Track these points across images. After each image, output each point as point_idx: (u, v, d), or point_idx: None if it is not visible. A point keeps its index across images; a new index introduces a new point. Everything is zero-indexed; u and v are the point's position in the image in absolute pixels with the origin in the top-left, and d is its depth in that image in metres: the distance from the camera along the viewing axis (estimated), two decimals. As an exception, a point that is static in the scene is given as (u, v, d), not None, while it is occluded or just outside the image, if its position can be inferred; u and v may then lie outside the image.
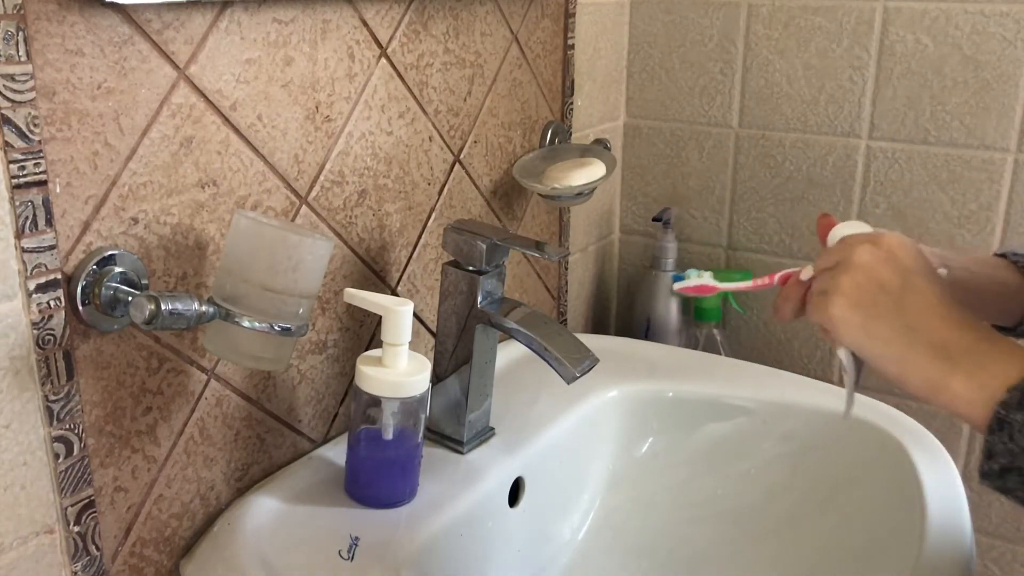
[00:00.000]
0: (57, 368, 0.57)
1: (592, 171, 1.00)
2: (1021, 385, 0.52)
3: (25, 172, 0.54)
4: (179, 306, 0.57)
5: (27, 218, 0.54)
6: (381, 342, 0.72)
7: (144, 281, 0.62)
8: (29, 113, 0.53)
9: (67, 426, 0.59)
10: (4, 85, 0.52)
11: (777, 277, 0.66)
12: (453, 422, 0.82)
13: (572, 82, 1.09)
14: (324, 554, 0.66)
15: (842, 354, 0.61)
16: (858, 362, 0.61)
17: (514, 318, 0.78)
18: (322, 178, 0.75)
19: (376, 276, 0.84)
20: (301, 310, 0.64)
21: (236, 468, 0.73)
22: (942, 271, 0.61)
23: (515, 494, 0.82)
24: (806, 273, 0.62)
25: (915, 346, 0.56)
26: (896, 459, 0.83)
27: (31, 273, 0.55)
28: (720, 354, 1.18)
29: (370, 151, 0.80)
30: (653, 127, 1.25)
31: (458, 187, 0.93)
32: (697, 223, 1.25)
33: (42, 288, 0.56)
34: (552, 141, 1.06)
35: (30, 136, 0.54)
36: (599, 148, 1.10)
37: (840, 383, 1.06)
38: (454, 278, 0.80)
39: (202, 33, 0.63)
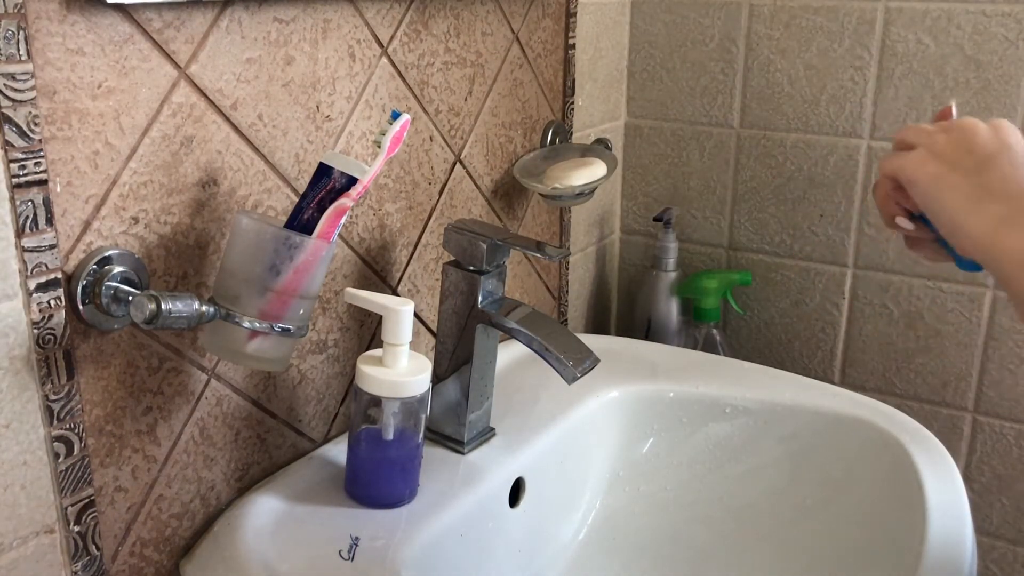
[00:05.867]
0: (57, 367, 0.57)
1: (593, 171, 1.00)
2: None
3: (25, 171, 0.54)
4: (179, 306, 0.57)
5: (27, 217, 0.54)
6: (382, 342, 0.72)
7: (145, 281, 0.62)
8: (30, 112, 0.53)
9: (67, 426, 0.59)
10: (5, 84, 0.52)
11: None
12: (453, 422, 0.82)
13: (573, 82, 1.09)
14: (324, 554, 0.66)
15: (901, 222, 0.62)
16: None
17: (515, 318, 0.78)
18: (323, 178, 0.75)
19: (377, 276, 0.84)
20: (302, 310, 0.64)
21: (236, 468, 0.73)
22: None
23: (515, 494, 0.82)
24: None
25: (981, 202, 0.55)
26: (897, 459, 0.83)
27: (31, 272, 0.55)
28: (720, 354, 1.18)
29: (371, 151, 0.80)
30: (654, 127, 1.25)
31: (459, 187, 0.93)
32: (698, 223, 1.25)
33: (42, 287, 0.56)
34: (553, 141, 1.06)
35: (30, 135, 0.53)
36: (600, 148, 1.10)
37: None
38: (455, 278, 0.80)
39: (203, 32, 0.63)
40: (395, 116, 0.66)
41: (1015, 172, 0.55)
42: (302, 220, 0.64)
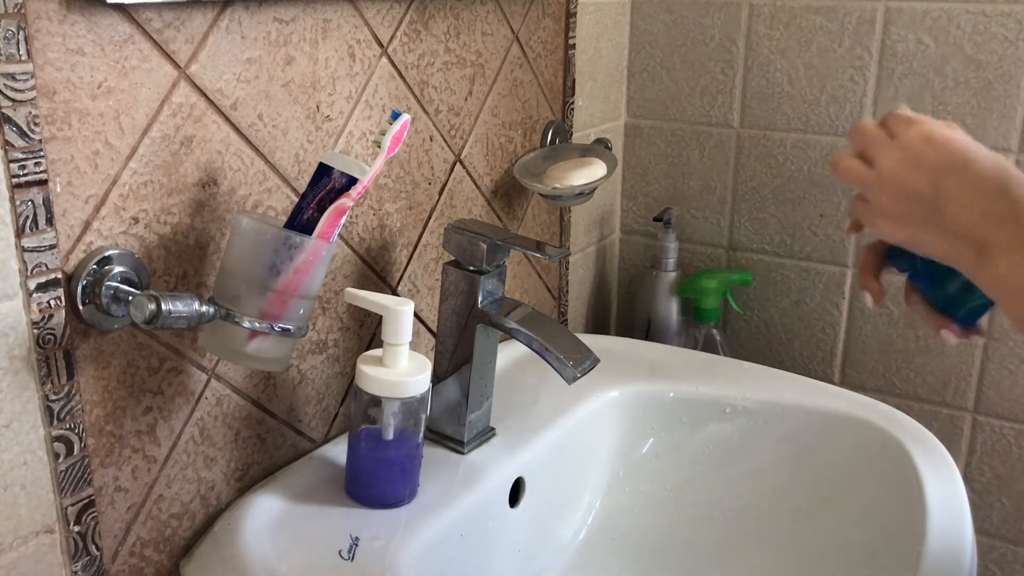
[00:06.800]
0: (57, 367, 0.57)
1: (593, 171, 1.00)
2: None
3: (25, 171, 0.54)
4: (179, 306, 0.57)
5: (27, 217, 0.54)
6: (382, 342, 0.72)
7: (145, 281, 0.62)
8: (30, 112, 0.53)
9: (67, 426, 0.59)
10: (5, 84, 0.52)
11: None
12: (453, 422, 0.82)
13: (573, 82, 1.09)
14: (324, 554, 0.66)
15: (945, 335, 0.63)
16: None
17: (515, 318, 0.78)
18: (323, 178, 0.75)
19: (377, 276, 0.84)
20: (302, 310, 0.64)
21: (236, 468, 0.73)
22: None
23: (515, 494, 0.82)
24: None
25: (959, 247, 0.55)
26: (897, 459, 0.83)
27: (31, 272, 0.55)
28: (720, 354, 1.18)
29: (371, 151, 0.80)
30: (654, 127, 1.25)
31: (459, 187, 0.93)
32: (698, 223, 1.25)
33: (42, 287, 0.56)
34: (553, 141, 1.06)
35: (31, 135, 0.53)
36: (600, 148, 1.10)
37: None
38: (455, 278, 0.80)
39: (203, 32, 0.63)
40: (395, 116, 0.66)
41: (963, 198, 0.54)
42: (302, 220, 0.64)
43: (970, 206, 0.54)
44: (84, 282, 0.58)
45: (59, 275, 0.57)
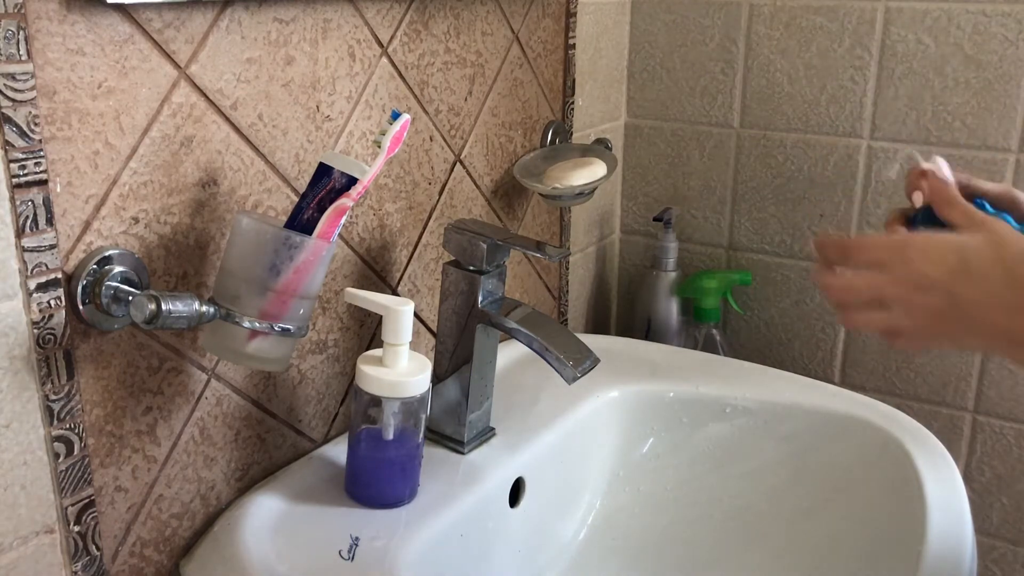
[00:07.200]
0: (57, 367, 0.57)
1: (593, 171, 1.00)
2: None
3: (26, 171, 0.54)
4: (179, 306, 0.57)
5: (27, 217, 0.54)
6: (382, 342, 0.72)
7: (145, 281, 0.62)
8: (30, 112, 0.53)
9: (67, 426, 0.59)
10: (5, 84, 0.52)
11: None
12: (453, 422, 0.82)
13: (573, 82, 1.09)
14: (324, 554, 0.66)
15: None
16: None
17: (515, 318, 0.78)
18: (323, 178, 0.75)
19: (377, 276, 0.84)
20: (302, 310, 0.64)
21: (236, 468, 0.73)
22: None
23: (515, 494, 0.82)
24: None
25: (992, 344, 0.57)
26: (897, 459, 0.83)
27: (31, 272, 0.55)
28: (720, 354, 1.18)
29: (371, 151, 0.80)
30: (654, 127, 1.25)
31: (459, 187, 0.93)
32: (698, 223, 1.25)
33: (42, 287, 0.56)
34: (553, 141, 1.06)
35: (31, 135, 0.53)
36: (600, 148, 1.10)
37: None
38: (455, 278, 0.80)
39: (203, 32, 0.63)
40: (395, 116, 0.66)
41: (982, 299, 0.55)
42: (302, 220, 0.64)
43: (988, 306, 0.55)
44: (84, 282, 0.58)
45: (59, 275, 0.57)
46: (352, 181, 0.64)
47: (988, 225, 0.56)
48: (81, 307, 0.58)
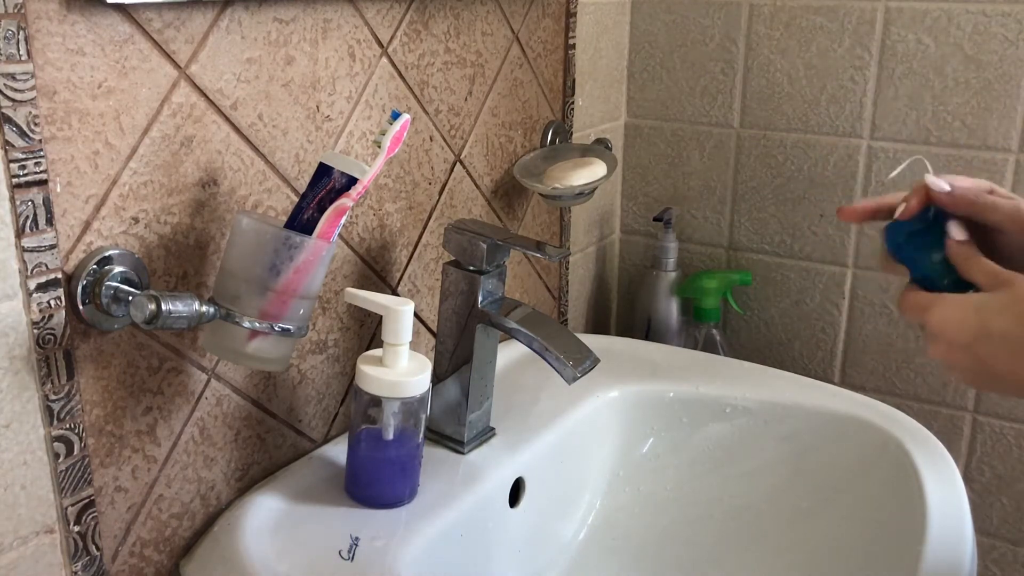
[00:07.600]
0: (57, 367, 0.57)
1: (593, 171, 1.00)
2: None
3: (26, 171, 0.54)
4: (179, 306, 0.57)
5: (27, 217, 0.54)
6: (382, 342, 0.72)
7: (145, 281, 0.62)
8: (30, 112, 0.53)
9: (67, 426, 0.59)
10: (5, 84, 0.52)
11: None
12: (453, 422, 0.82)
13: (573, 82, 1.09)
14: (324, 554, 0.66)
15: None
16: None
17: (515, 318, 0.78)
18: (323, 178, 0.75)
19: (377, 276, 0.84)
20: (302, 310, 0.64)
21: (236, 468, 0.73)
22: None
23: (515, 494, 0.82)
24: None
25: (1020, 391, 0.59)
26: (897, 459, 0.83)
27: (31, 272, 0.55)
28: (720, 354, 1.18)
29: (371, 151, 0.80)
30: (654, 127, 1.25)
31: (459, 187, 0.93)
32: (698, 223, 1.25)
33: (42, 287, 0.56)
34: (553, 141, 1.06)
35: (31, 135, 0.53)
36: (600, 148, 1.10)
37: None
38: (455, 278, 0.80)
39: (203, 32, 0.63)
40: (395, 116, 0.66)
41: (1008, 354, 0.58)
42: (302, 220, 0.64)
43: (1012, 364, 0.58)
44: (84, 282, 0.58)
45: (59, 275, 0.57)
46: (352, 181, 0.64)
47: (1008, 283, 0.58)
48: (81, 307, 0.58)
